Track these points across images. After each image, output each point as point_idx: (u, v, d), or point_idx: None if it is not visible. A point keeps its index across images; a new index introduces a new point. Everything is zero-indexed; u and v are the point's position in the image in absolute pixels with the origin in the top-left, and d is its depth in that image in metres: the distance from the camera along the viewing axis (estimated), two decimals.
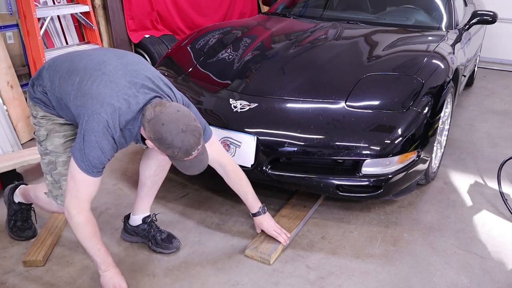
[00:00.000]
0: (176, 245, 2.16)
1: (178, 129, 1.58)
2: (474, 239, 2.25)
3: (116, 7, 3.79)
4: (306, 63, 2.68)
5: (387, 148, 2.11)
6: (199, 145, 1.65)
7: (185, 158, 1.65)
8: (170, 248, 2.14)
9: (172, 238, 2.17)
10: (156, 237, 2.16)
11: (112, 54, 1.78)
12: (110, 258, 1.84)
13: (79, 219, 1.71)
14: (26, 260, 2.02)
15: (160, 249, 2.14)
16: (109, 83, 1.64)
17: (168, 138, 1.58)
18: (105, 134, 1.61)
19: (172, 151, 1.61)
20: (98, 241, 1.78)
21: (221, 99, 2.44)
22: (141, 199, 2.16)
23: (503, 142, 3.38)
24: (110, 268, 1.83)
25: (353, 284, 1.95)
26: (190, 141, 1.60)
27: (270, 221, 2.18)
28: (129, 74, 1.70)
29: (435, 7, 3.42)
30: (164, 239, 2.16)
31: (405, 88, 2.35)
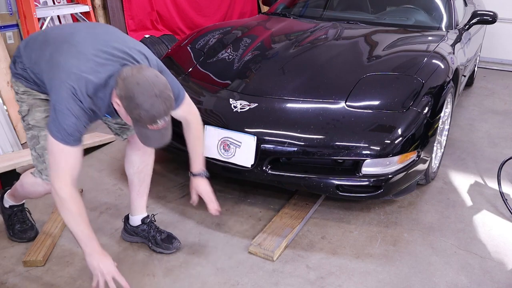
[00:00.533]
0: (176, 246, 2.16)
1: (151, 92, 1.55)
2: (474, 239, 2.25)
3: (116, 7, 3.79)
4: (306, 63, 2.68)
5: (387, 148, 2.11)
6: (166, 116, 1.62)
7: (149, 126, 1.61)
8: (170, 248, 2.14)
9: (172, 239, 2.17)
10: (156, 238, 2.16)
11: (83, 26, 1.80)
12: (94, 241, 1.75)
13: (62, 193, 1.66)
14: (26, 260, 2.02)
15: (160, 249, 2.14)
16: (77, 53, 1.63)
17: (139, 98, 1.54)
18: (75, 100, 1.60)
19: (138, 113, 1.57)
20: (81, 222, 1.71)
21: (221, 99, 2.44)
22: (134, 199, 2.17)
23: (503, 142, 3.38)
24: (94, 252, 1.74)
25: (353, 284, 1.95)
26: (159, 107, 1.57)
27: (207, 186, 2.09)
28: (98, 43, 1.68)
29: (435, 7, 3.42)
30: (164, 239, 2.17)
31: (405, 88, 2.35)
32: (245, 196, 2.60)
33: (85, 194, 2.62)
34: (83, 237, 1.72)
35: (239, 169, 2.27)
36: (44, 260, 2.05)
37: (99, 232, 2.28)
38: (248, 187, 2.67)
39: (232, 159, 2.27)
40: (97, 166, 2.96)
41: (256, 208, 2.49)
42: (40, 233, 2.21)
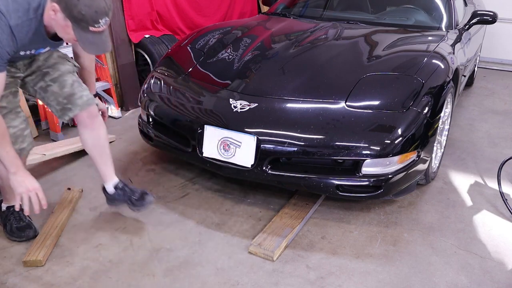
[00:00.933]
0: (150, 200, 2.27)
1: None
2: (474, 239, 2.25)
3: (116, 7, 3.79)
4: (306, 63, 2.68)
5: (387, 148, 2.11)
6: (107, 15, 1.64)
7: (91, 28, 1.62)
8: (144, 204, 2.26)
9: (144, 195, 2.27)
10: (132, 199, 2.26)
11: None
12: (19, 161, 1.85)
13: None
14: (26, 260, 2.02)
15: (137, 208, 2.26)
16: None
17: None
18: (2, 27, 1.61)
19: (79, 10, 1.58)
20: (6, 144, 1.79)
21: (221, 99, 2.44)
22: (101, 169, 2.28)
23: (503, 142, 3.38)
24: (19, 171, 1.84)
25: (353, 284, 1.95)
26: (100, 3, 1.60)
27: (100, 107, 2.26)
28: None
29: (435, 7, 3.42)
30: (138, 198, 2.26)
31: (405, 88, 2.35)
32: (245, 196, 2.60)
33: (85, 194, 2.62)
34: (8, 157, 1.81)
35: (239, 169, 2.27)
36: (44, 260, 2.05)
37: (99, 232, 2.28)
38: (248, 187, 2.67)
39: (232, 159, 2.27)
40: None
41: (256, 208, 2.49)
42: (40, 233, 2.21)
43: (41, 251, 2.07)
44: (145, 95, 2.70)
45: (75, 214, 2.43)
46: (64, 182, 2.75)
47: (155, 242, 2.21)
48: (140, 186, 2.71)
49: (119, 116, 3.84)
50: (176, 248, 2.17)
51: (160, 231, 2.29)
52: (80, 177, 2.82)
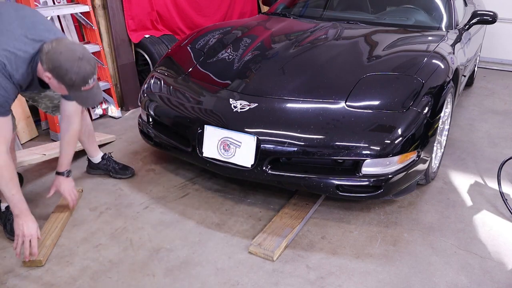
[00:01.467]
0: (131, 171, 2.79)
1: (75, 56, 1.77)
2: (474, 239, 2.25)
3: (116, 7, 3.78)
4: (306, 63, 2.68)
5: (387, 148, 2.11)
6: (94, 74, 1.85)
7: (82, 88, 1.83)
8: (126, 174, 2.78)
9: (127, 168, 2.80)
10: (115, 168, 2.77)
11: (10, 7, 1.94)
12: (24, 205, 1.97)
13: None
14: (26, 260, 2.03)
15: (119, 175, 2.75)
16: (5, 31, 1.82)
17: (66, 64, 1.75)
18: (4, 75, 1.77)
19: (70, 78, 1.78)
20: (13, 187, 1.91)
21: (221, 99, 2.44)
22: (89, 148, 2.73)
23: (503, 142, 3.38)
24: (21, 214, 1.97)
25: (353, 284, 1.95)
26: (86, 68, 1.79)
27: (69, 184, 2.32)
28: (26, 26, 1.87)
29: (435, 7, 3.42)
30: (121, 168, 2.78)
31: (405, 88, 2.35)
32: (245, 196, 2.60)
33: (85, 194, 2.62)
34: (14, 201, 1.94)
35: (239, 169, 2.27)
36: (44, 260, 2.05)
37: (99, 232, 2.28)
38: (248, 187, 2.67)
39: (232, 159, 2.27)
40: None
41: (256, 208, 2.49)
42: (40, 233, 2.21)
43: (41, 251, 2.07)
44: (145, 95, 2.71)
45: (75, 214, 2.43)
46: None
47: (155, 242, 2.21)
48: (140, 186, 2.71)
49: (119, 116, 3.84)
50: (176, 248, 2.17)
51: (160, 231, 2.29)
52: (80, 177, 2.82)
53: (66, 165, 2.30)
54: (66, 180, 2.31)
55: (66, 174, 2.31)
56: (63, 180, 2.30)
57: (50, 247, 2.12)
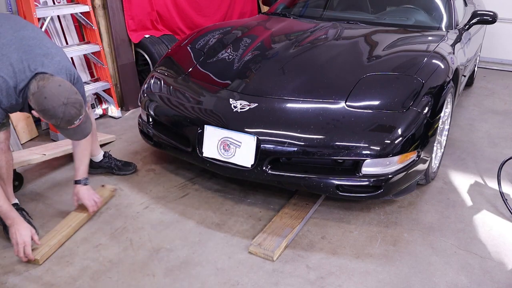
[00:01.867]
0: (134, 166, 2.86)
1: (59, 102, 1.79)
2: (474, 239, 2.25)
3: (116, 7, 3.78)
4: (306, 63, 2.68)
5: (387, 148, 2.11)
6: (80, 115, 1.87)
7: (68, 127, 1.88)
8: (130, 170, 2.83)
9: (129, 163, 2.86)
10: (117, 165, 2.82)
11: (9, 26, 1.95)
12: (13, 213, 2.03)
13: None
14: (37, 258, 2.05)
15: (123, 172, 2.80)
16: (1, 56, 1.84)
17: (51, 110, 1.79)
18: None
19: (55, 121, 1.83)
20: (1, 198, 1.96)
21: (221, 99, 2.44)
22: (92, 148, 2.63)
23: (503, 142, 3.38)
24: (14, 223, 2.02)
25: (353, 284, 1.95)
26: (71, 112, 1.83)
27: (87, 191, 2.36)
28: (22, 49, 1.89)
29: (435, 7, 3.42)
30: (123, 164, 2.83)
31: (405, 88, 2.35)
32: (245, 196, 2.60)
33: None
34: (3, 211, 1.99)
35: (239, 169, 2.27)
36: (41, 260, 2.05)
37: (99, 232, 2.28)
38: (248, 187, 2.67)
39: (232, 159, 2.27)
40: None
41: (256, 208, 2.49)
42: (49, 232, 2.21)
43: (41, 250, 2.07)
44: (145, 95, 2.71)
45: None
46: (64, 182, 2.75)
47: (155, 242, 2.21)
48: (140, 186, 2.71)
49: (119, 116, 3.84)
50: (176, 248, 2.17)
51: (160, 231, 2.29)
52: None
53: (82, 174, 2.35)
54: (84, 188, 2.34)
55: (84, 182, 2.35)
56: (80, 188, 2.34)
57: (53, 247, 2.12)
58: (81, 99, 1.88)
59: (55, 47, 2.04)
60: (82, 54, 3.68)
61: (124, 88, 4.00)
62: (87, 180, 2.37)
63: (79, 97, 1.87)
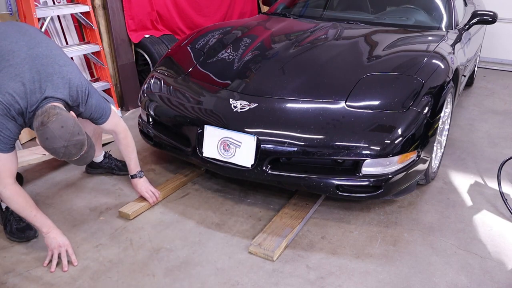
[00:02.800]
0: None
1: (60, 144, 1.82)
2: (474, 239, 2.25)
3: (116, 7, 3.78)
4: (306, 63, 2.68)
5: (387, 148, 2.11)
6: (81, 152, 1.90)
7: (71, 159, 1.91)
8: None
9: None
10: (118, 165, 2.82)
11: (24, 43, 1.95)
12: (48, 221, 2.06)
13: (6, 193, 1.94)
14: (120, 210, 2.39)
15: (123, 172, 2.78)
16: (14, 76, 1.86)
17: (51, 150, 1.83)
18: (8, 117, 1.85)
19: (57, 156, 1.86)
20: (32, 209, 2.01)
21: (221, 99, 2.44)
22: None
23: (503, 142, 3.38)
24: (51, 230, 2.05)
25: (353, 284, 1.95)
26: (71, 151, 1.86)
27: (144, 184, 2.51)
28: (35, 68, 1.90)
29: (435, 7, 3.42)
30: (123, 165, 2.76)
31: (405, 88, 2.35)
32: (245, 196, 2.60)
33: (85, 194, 2.62)
34: (37, 221, 2.03)
35: (239, 169, 2.27)
36: (132, 216, 2.37)
37: (99, 232, 2.28)
38: (248, 187, 2.67)
39: (232, 159, 2.27)
40: None
41: (256, 208, 2.49)
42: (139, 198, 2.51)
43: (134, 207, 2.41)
44: (145, 95, 2.71)
45: (75, 214, 2.43)
46: (64, 182, 2.75)
47: (155, 242, 2.21)
48: None
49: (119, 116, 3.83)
50: (176, 248, 2.17)
51: (160, 231, 2.29)
52: (80, 177, 2.82)
53: (134, 168, 2.50)
54: (140, 180, 2.50)
55: (139, 175, 2.50)
56: (137, 182, 2.50)
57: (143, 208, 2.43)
58: (83, 139, 1.89)
59: (68, 64, 2.05)
60: (82, 54, 3.68)
61: (124, 88, 4.00)
62: (142, 172, 2.52)
63: (81, 137, 1.88)
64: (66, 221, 2.37)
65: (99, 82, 3.79)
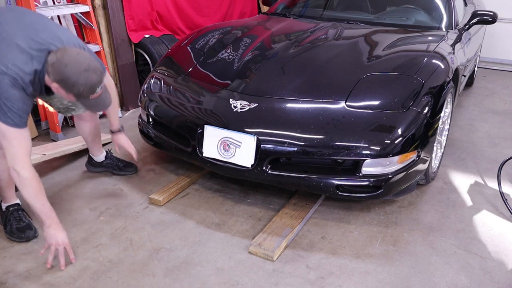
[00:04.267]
0: (135, 168, 2.85)
1: (80, 69, 1.78)
2: (474, 239, 2.25)
3: (116, 7, 3.78)
4: (306, 63, 2.68)
5: (387, 148, 2.11)
6: (101, 83, 1.88)
7: (91, 96, 1.87)
8: (131, 171, 2.83)
9: (131, 164, 2.85)
10: (119, 165, 2.81)
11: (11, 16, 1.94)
12: (53, 213, 2.00)
13: (25, 174, 1.86)
14: (151, 197, 2.50)
15: (123, 172, 2.80)
16: (12, 45, 1.83)
17: (72, 77, 1.78)
18: (18, 88, 1.81)
19: (77, 90, 1.81)
20: (42, 197, 1.95)
21: (221, 99, 2.44)
22: (94, 148, 2.75)
23: (503, 142, 3.38)
24: (53, 224, 1.99)
25: (353, 284, 1.95)
26: (92, 79, 1.82)
27: (126, 139, 2.56)
28: (29, 35, 1.87)
29: (435, 7, 3.42)
30: (124, 165, 2.82)
31: (405, 88, 2.35)
32: (245, 196, 2.60)
33: (85, 194, 2.62)
34: (45, 210, 1.96)
35: (239, 169, 2.27)
36: (163, 202, 2.49)
37: (99, 232, 2.28)
38: (248, 187, 2.67)
39: (232, 159, 2.27)
40: None
41: (256, 208, 2.49)
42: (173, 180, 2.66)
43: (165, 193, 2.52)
44: (145, 95, 2.71)
45: (75, 215, 2.43)
46: (64, 182, 2.75)
47: (155, 242, 2.21)
48: (140, 186, 2.71)
49: (119, 116, 3.83)
50: (176, 248, 2.17)
51: (160, 231, 2.29)
52: (80, 177, 2.82)
53: (117, 123, 2.53)
54: (124, 135, 2.56)
55: (122, 129, 2.56)
56: (120, 136, 2.55)
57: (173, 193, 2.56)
58: (100, 66, 1.89)
59: (60, 28, 2.07)
60: None
61: (124, 88, 4.00)
62: (123, 128, 2.56)
63: (98, 65, 1.87)
64: (66, 221, 2.37)
65: None
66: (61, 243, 1.99)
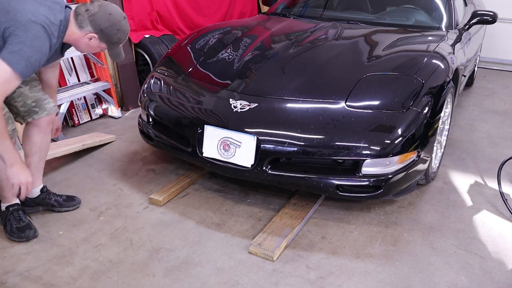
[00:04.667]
0: (79, 201, 2.50)
1: (121, 16, 1.98)
2: (474, 239, 2.25)
3: None
4: (306, 63, 2.68)
5: (387, 148, 2.11)
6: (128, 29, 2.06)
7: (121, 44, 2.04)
8: (74, 204, 2.47)
9: (72, 198, 2.49)
10: (58, 200, 2.43)
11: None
12: (17, 153, 1.96)
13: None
14: (151, 197, 2.51)
15: (66, 208, 2.44)
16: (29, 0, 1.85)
17: (117, 24, 1.95)
18: (46, 38, 1.84)
19: (119, 36, 1.99)
20: (6, 139, 1.90)
21: (221, 99, 2.44)
22: (34, 175, 2.28)
23: (503, 142, 3.38)
24: (16, 163, 1.95)
25: (353, 284, 1.95)
26: (128, 26, 2.02)
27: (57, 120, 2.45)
28: None
29: (435, 7, 3.42)
30: (65, 199, 2.46)
31: (405, 88, 2.35)
32: (245, 196, 2.60)
33: (85, 194, 2.62)
34: (7, 150, 1.92)
35: (239, 169, 2.27)
36: (163, 202, 2.49)
37: (99, 232, 2.28)
38: (248, 187, 2.67)
39: (232, 159, 2.27)
40: (97, 166, 2.96)
41: (256, 208, 2.49)
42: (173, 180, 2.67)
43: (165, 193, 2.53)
44: (145, 95, 2.71)
45: (75, 214, 2.43)
46: (64, 182, 2.75)
47: (155, 242, 2.21)
48: (140, 186, 2.71)
49: (119, 116, 3.84)
50: (176, 248, 2.17)
51: (160, 231, 2.29)
52: (80, 177, 2.82)
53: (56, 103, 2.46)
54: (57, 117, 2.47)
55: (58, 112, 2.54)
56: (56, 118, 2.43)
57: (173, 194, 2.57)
58: None
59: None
60: (82, 54, 3.68)
61: (124, 88, 4.00)
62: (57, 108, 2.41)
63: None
64: (66, 221, 2.37)
65: (99, 82, 3.79)
66: (24, 182, 1.98)
